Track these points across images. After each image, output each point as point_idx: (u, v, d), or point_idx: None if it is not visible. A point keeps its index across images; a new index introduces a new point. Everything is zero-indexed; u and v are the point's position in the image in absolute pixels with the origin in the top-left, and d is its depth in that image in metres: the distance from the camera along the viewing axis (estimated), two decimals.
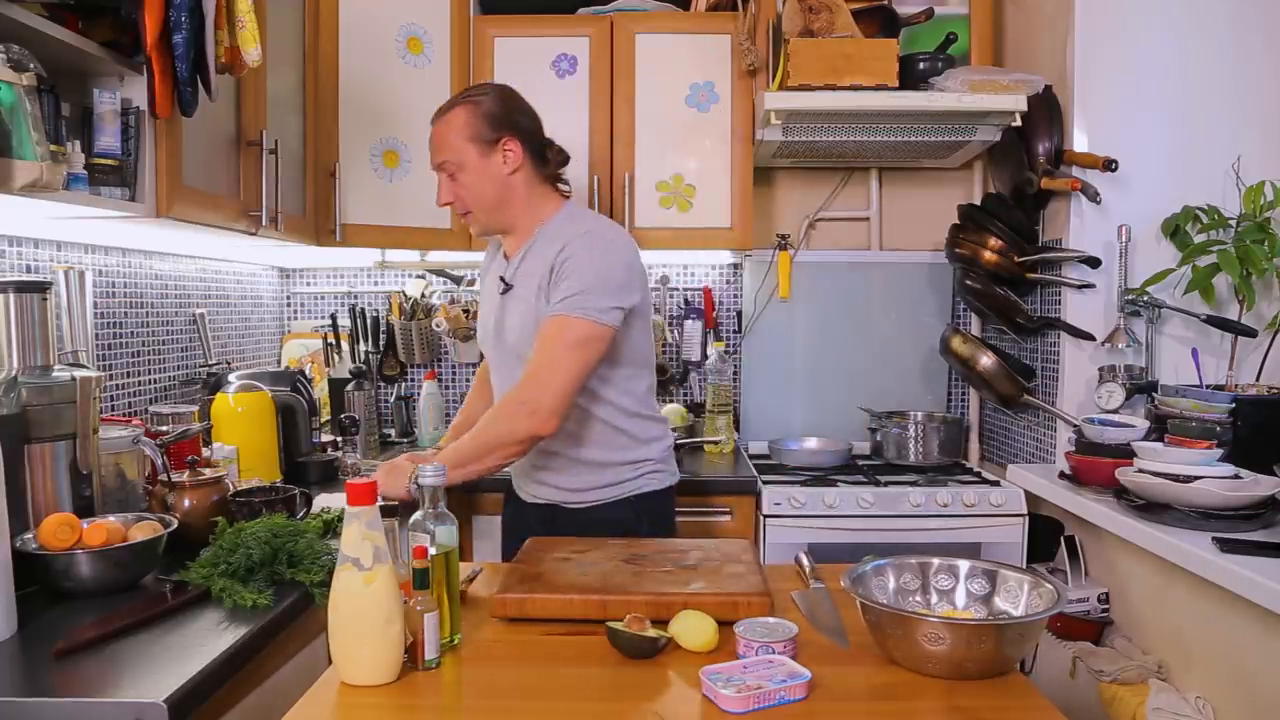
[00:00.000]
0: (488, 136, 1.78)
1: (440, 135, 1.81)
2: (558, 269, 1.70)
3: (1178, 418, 2.02)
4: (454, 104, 1.81)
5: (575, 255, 1.69)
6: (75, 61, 1.53)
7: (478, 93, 1.83)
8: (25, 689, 1.08)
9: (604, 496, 1.83)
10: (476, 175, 1.78)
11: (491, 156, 1.78)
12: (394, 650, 1.12)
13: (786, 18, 2.44)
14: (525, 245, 1.82)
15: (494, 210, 1.82)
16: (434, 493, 1.27)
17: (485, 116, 1.79)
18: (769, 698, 1.05)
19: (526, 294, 1.77)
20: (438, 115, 1.83)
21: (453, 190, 1.81)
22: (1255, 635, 1.55)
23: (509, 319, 1.81)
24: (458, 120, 1.79)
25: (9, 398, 1.41)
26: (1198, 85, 2.28)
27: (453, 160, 1.78)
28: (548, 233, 1.80)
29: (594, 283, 1.67)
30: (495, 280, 1.88)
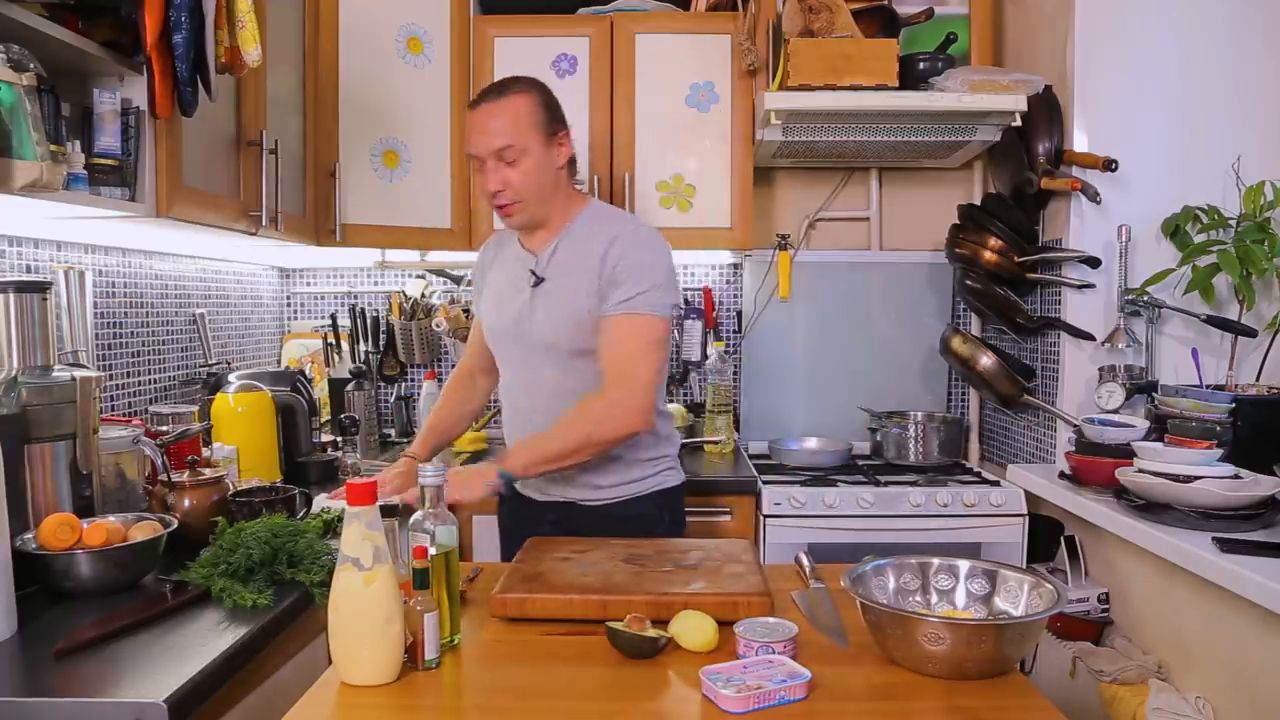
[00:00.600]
0: (550, 127, 1.74)
1: (503, 120, 1.71)
2: (615, 268, 1.69)
3: (1178, 418, 2.02)
4: (509, 90, 1.73)
5: (634, 254, 1.70)
6: (75, 61, 1.53)
7: (530, 83, 1.77)
8: (25, 689, 1.08)
9: (628, 493, 1.82)
10: (537, 165, 1.72)
11: (550, 148, 1.74)
12: (394, 650, 1.12)
13: (786, 18, 2.44)
14: (554, 240, 1.79)
15: (541, 203, 1.76)
16: (434, 493, 1.27)
17: (547, 106, 1.75)
18: (769, 698, 1.05)
19: (565, 288, 1.74)
20: (492, 97, 1.73)
21: (505, 178, 1.71)
22: (1255, 635, 1.55)
23: (539, 313, 1.76)
24: (524, 106, 1.72)
25: (9, 398, 1.41)
26: (1198, 85, 2.28)
27: (518, 147, 1.70)
28: (578, 228, 1.79)
29: (659, 280, 1.71)
30: (515, 274, 1.83)
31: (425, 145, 2.62)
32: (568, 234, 1.79)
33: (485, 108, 1.73)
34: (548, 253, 1.79)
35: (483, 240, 2.68)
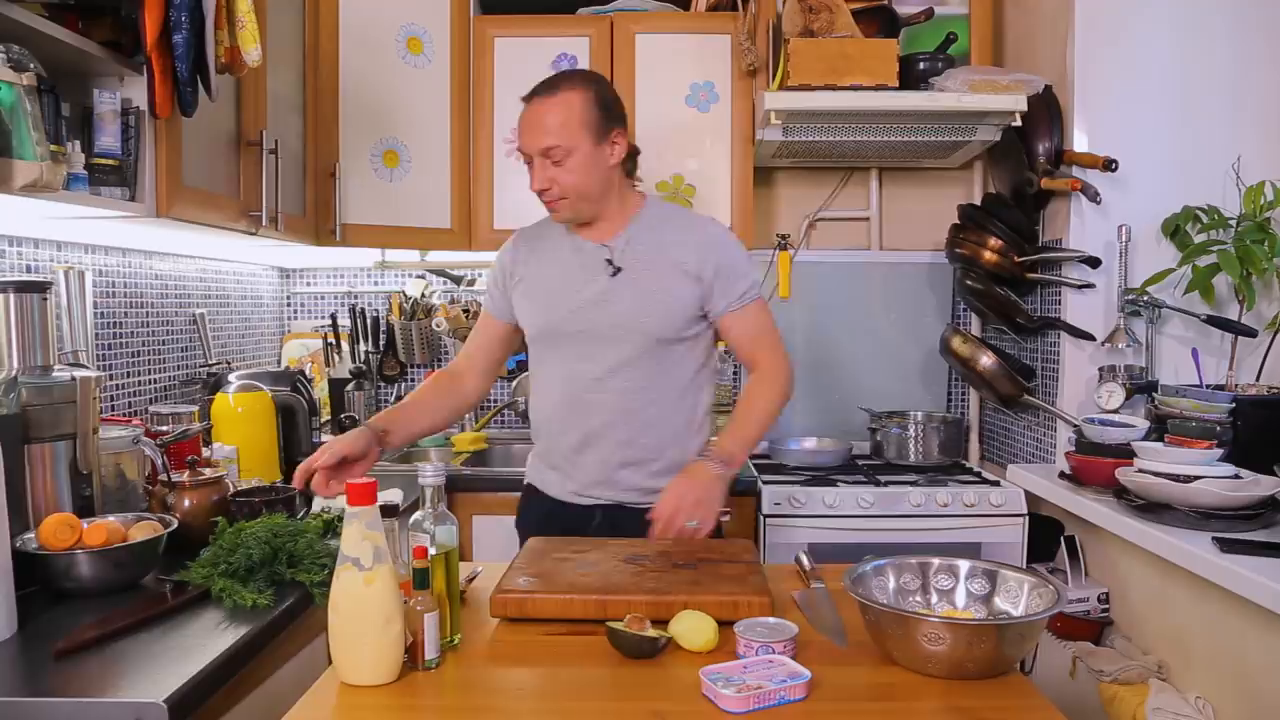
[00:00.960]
0: (602, 126, 1.71)
1: (551, 119, 1.68)
2: (720, 269, 1.74)
3: (1178, 418, 2.02)
4: (561, 87, 1.71)
5: (730, 254, 1.78)
6: (75, 61, 1.53)
7: (586, 79, 1.75)
8: (25, 689, 1.08)
9: None
10: (585, 164, 1.69)
11: (601, 147, 1.71)
12: (394, 650, 1.12)
13: (786, 18, 2.44)
14: (622, 232, 1.77)
15: (589, 201, 1.73)
16: (434, 493, 1.26)
17: (599, 105, 1.71)
18: (769, 698, 1.05)
19: (653, 277, 1.73)
20: (543, 94, 1.71)
21: (551, 176, 1.69)
22: (1255, 635, 1.55)
23: (625, 300, 1.73)
24: (574, 105, 1.68)
25: (9, 398, 1.41)
26: (1198, 85, 2.28)
27: (564, 147, 1.67)
28: (648, 221, 1.78)
29: (753, 271, 1.82)
30: (579, 265, 1.77)
31: (425, 145, 2.62)
32: (637, 226, 1.77)
33: (535, 104, 1.71)
34: (620, 243, 1.76)
35: (483, 240, 2.71)
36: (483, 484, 2.45)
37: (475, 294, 3.02)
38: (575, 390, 1.78)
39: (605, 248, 1.77)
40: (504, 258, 1.89)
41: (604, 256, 1.76)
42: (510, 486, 2.43)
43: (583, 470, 1.79)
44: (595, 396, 1.76)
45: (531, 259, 1.85)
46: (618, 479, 1.77)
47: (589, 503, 1.80)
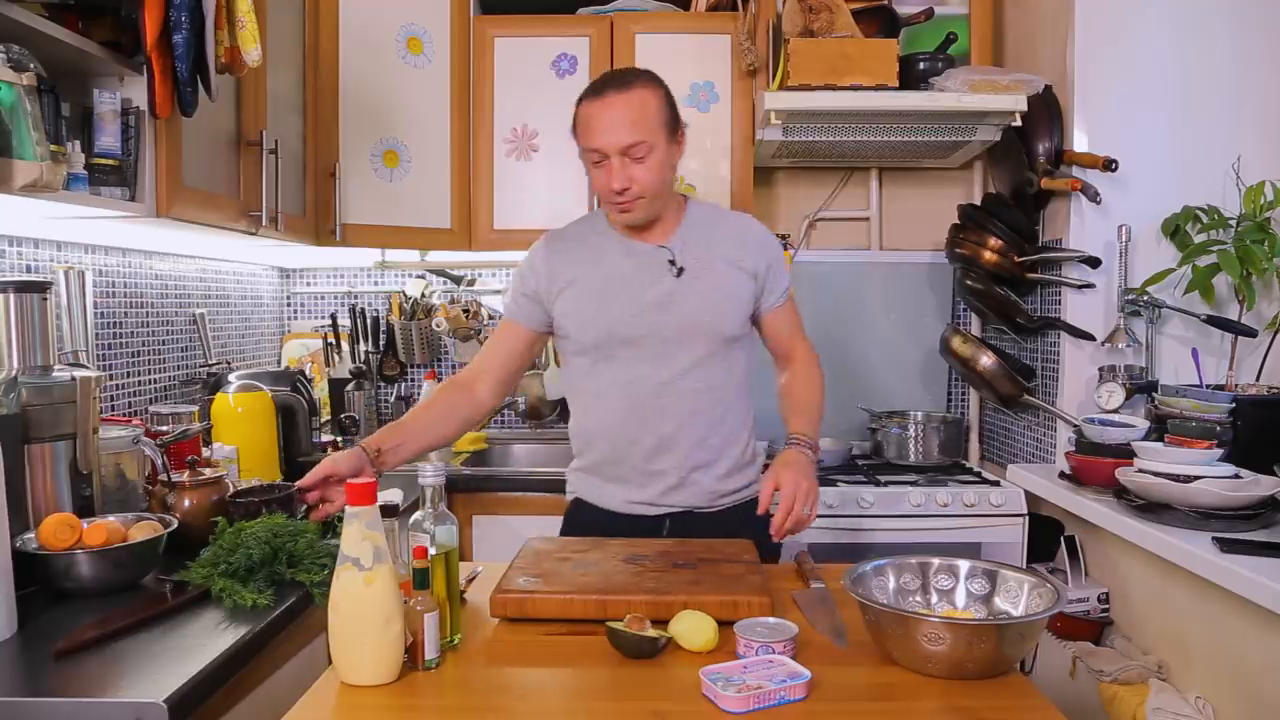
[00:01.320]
0: (672, 125, 1.68)
1: (633, 113, 1.62)
2: (770, 267, 1.77)
3: (1178, 418, 2.02)
4: (634, 83, 1.65)
5: (776, 252, 1.80)
6: (75, 61, 1.53)
7: (653, 76, 1.70)
8: (25, 689, 1.08)
9: (745, 496, 1.79)
10: (661, 162, 1.65)
11: (672, 146, 1.68)
12: (394, 650, 1.12)
13: (786, 18, 2.44)
14: (676, 231, 1.74)
15: (659, 200, 1.69)
16: (434, 493, 1.26)
17: (669, 103, 1.68)
18: (769, 698, 1.05)
19: (716, 277, 1.72)
20: (618, 89, 1.64)
21: (631, 175, 1.63)
22: (1255, 635, 1.55)
23: (692, 300, 1.70)
24: (653, 102, 1.64)
25: (9, 398, 1.41)
26: (1198, 85, 2.28)
27: (648, 143, 1.62)
28: (697, 220, 1.76)
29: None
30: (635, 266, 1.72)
31: (425, 145, 2.62)
32: (689, 226, 1.76)
33: (610, 100, 1.63)
34: (677, 243, 1.73)
35: (483, 240, 2.71)
36: (483, 484, 2.45)
37: (475, 294, 3.02)
38: (641, 397, 1.72)
39: (664, 249, 1.72)
40: (537, 263, 1.77)
41: (665, 258, 1.72)
42: (511, 487, 2.44)
43: (655, 479, 1.73)
44: (664, 401, 1.71)
45: (577, 264, 1.75)
46: (690, 483, 1.73)
47: (659, 512, 1.74)
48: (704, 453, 1.74)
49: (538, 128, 2.69)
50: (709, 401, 1.73)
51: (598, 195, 1.73)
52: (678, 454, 1.72)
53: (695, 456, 1.73)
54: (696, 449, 1.73)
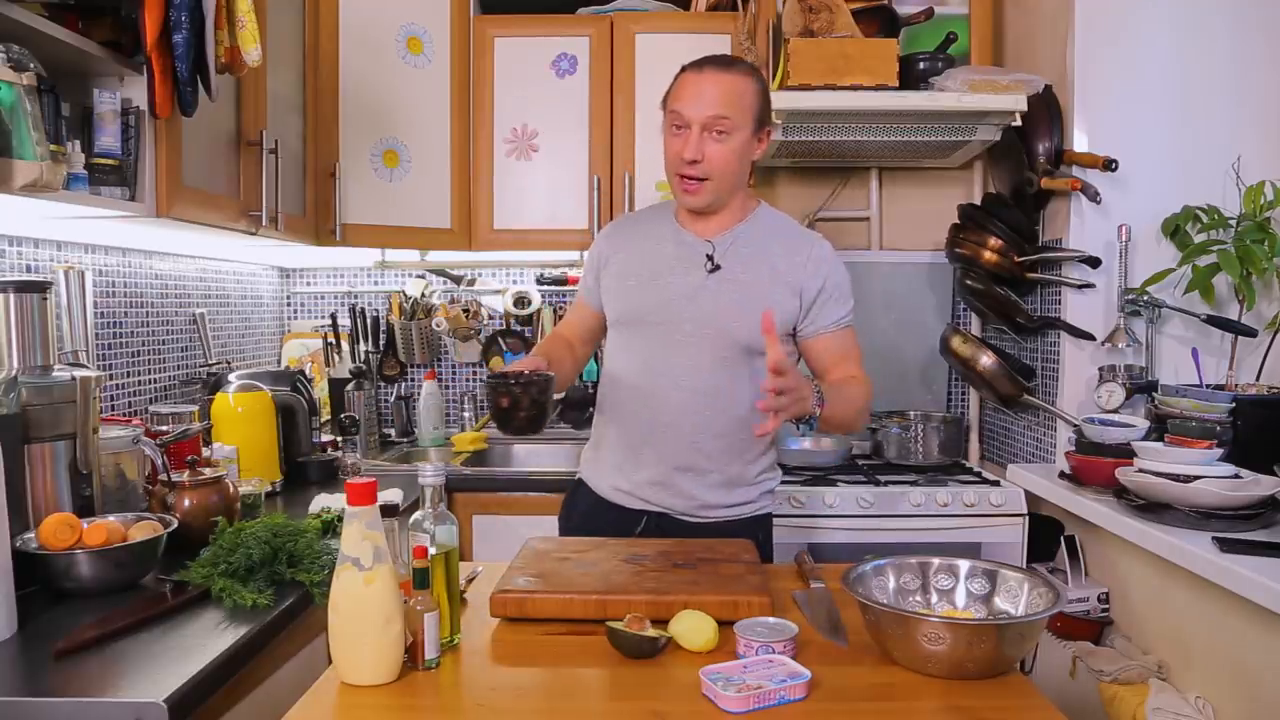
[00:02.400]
0: (762, 117, 1.67)
1: (726, 91, 1.61)
2: (826, 288, 1.70)
3: (1178, 418, 2.02)
4: (735, 67, 1.65)
5: (838, 275, 1.73)
6: (75, 61, 1.53)
7: (755, 69, 1.70)
8: (25, 689, 1.08)
9: (739, 514, 1.74)
10: (741, 148, 1.64)
11: (755, 138, 1.67)
12: (394, 650, 1.12)
13: (786, 18, 2.44)
14: (730, 230, 1.71)
15: (728, 189, 1.68)
16: (434, 493, 1.26)
17: (764, 98, 1.68)
18: (769, 698, 1.05)
19: (754, 282, 1.68)
20: (720, 66, 1.64)
21: (706, 150, 1.62)
22: (1255, 635, 1.55)
23: (720, 299, 1.68)
24: (751, 87, 1.64)
25: (9, 398, 1.41)
26: (1198, 85, 2.28)
27: (733, 120, 1.61)
28: (758, 225, 1.74)
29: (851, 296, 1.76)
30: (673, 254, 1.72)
31: (425, 145, 2.62)
32: (747, 227, 1.73)
33: (710, 73, 1.63)
34: (726, 241, 1.71)
35: (483, 240, 2.71)
36: (483, 484, 2.45)
37: (475, 294, 3.02)
38: (648, 381, 1.71)
39: (709, 243, 1.71)
40: (599, 242, 1.83)
41: (705, 251, 1.70)
42: (510, 487, 2.44)
43: (640, 468, 1.73)
44: (668, 392, 1.70)
45: (627, 244, 1.79)
46: (673, 482, 1.71)
47: (638, 506, 1.74)
48: (694, 457, 1.70)
49: (538, 128, 2.69)
50: (713, 407, 1.68)
51: (667, 168, 1.69)
52: (664, 450, 1.70)
53: (683, 457, 1.70)
54: (686, 451, 1.70)
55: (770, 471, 1.80)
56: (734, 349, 1.68)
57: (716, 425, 1.69)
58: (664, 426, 1.70)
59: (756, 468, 1.76)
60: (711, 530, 1.70)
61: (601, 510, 1.77)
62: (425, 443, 2.88)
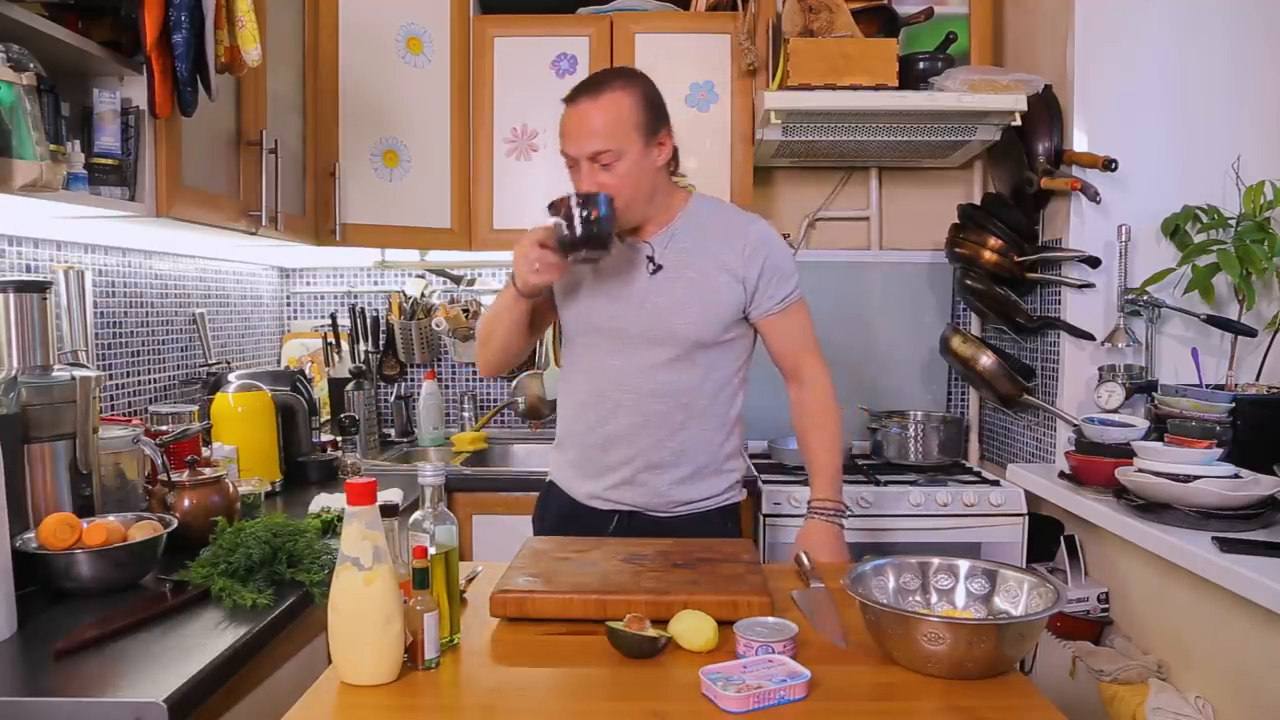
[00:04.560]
0: (650, 127, 1.64)
1: (599, 121, 1.60)
2: (767, 269, 1.71)
3: (1178, 417, 2.02)
4: (606, 86, 1.63)
5: (778, 254, 1.75)
6: (75, 61, 1.53)
7: (632, 77, 1.67)
8: (25, 689, 1.08)
9: (708, 506, 1.76)
10: (636, 168, 1.63)
11: (650, 149, 1.65)
12: (394, 650, 1.12)
13: (786, 17, 2.44)
14: (666, 229, 1.72)
15: (640, 205, 1.67)
16: (434, 492, 1.26)
17: (648, 104, 1.64)
18: (769, 697, 1.05)
19: (697, 278, 1.69)
20: (587, 94, 1.63)
21: (600, 182, 1.61)
22: (1255, 635, 1.55)
23: (663, 299, 1.69)
24: (624, 105, 1.61)
25: (9, 398, 1.41)
26: (1198, 85, 2.28)
27: (614, 150, 1.60)
28: (693, 219, 1.74)
29: (795, 270, 1.79)
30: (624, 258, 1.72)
31: (425, 145, 2.62)
32: (682, 223, 1.73)
33: (582, 105, 1.63)
34: (663, 240, 1.72)
35: (483, 240, 2.71)
36: (482, 484, 2.45)
37: (475, 294, 3.02)
38: (604, 388, 1.73)
39: (647, 245, 1.72)
40: None
41: (645, 254, 1.71)
42: (510, 486, 2.43)
43: (607, 473, 1.75)
44: (624, 397, 1.71)
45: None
46: (640, 481, 1.73)
47: (608, 507, 1.76)
48: (659, 455, 1.72)
49: (538, 128, 2.69)
50: (671, 405, 1.70)
51: None
52: (630, 452, 1.72)
53: (649, 457, 1.71)
54: (651, 450, 1.71)
55: (736, 459, 1.81)
56: (685, 345, 1.69)
57: (676, 420, 1.71)
58: (625, 429, 1.72)
59: (722, 455, 1.77)
60: (683, 523, 1.73)
61: (573, 512, 1.79)
62: (425, 443, 2.88)
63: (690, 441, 1.72)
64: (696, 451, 1.73)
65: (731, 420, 1.78)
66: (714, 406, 1.74)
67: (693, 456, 1.73)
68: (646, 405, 1.70)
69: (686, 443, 1.72)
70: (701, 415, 1.72)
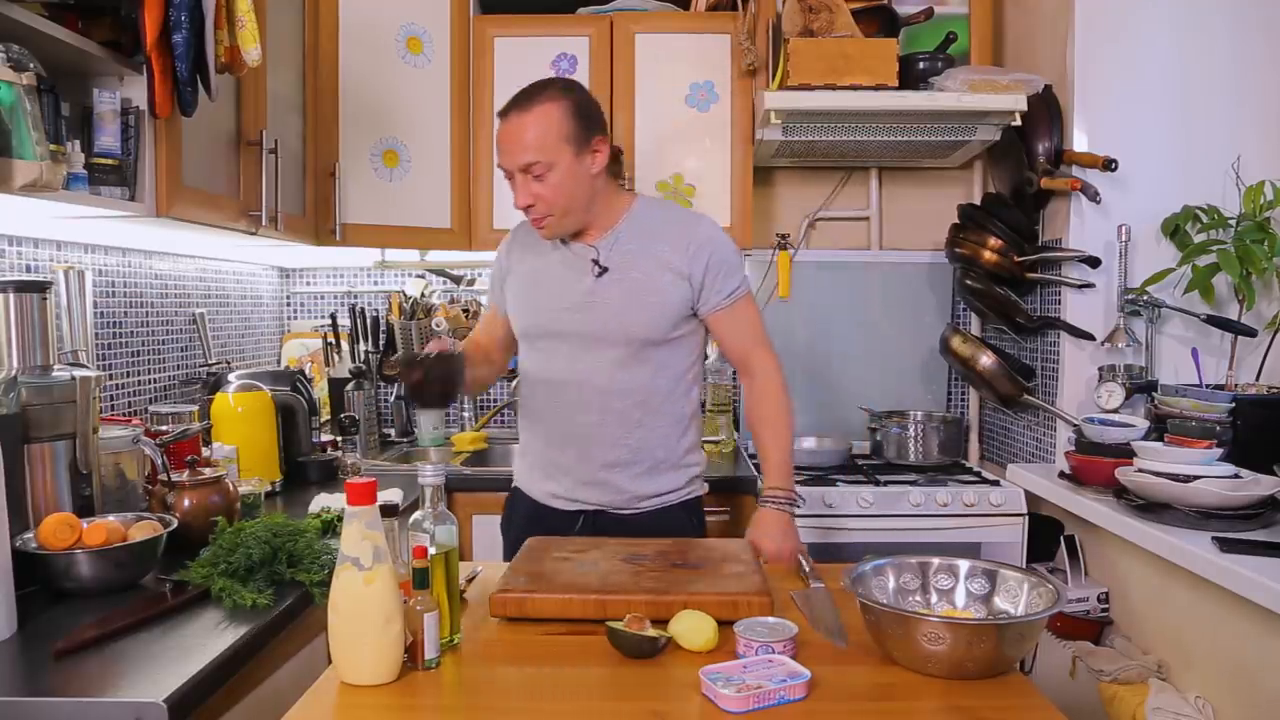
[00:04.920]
0: (582, 136, 1.67)
1: (529, 134, 1.64)
2: (711, 265, 1.73)
3: (1178, 417, 2.02)
4: (536, 99, 1.66)
5: (722, 250, 1.75)
6: (75, 61, 1.53)
7: (562, 87, 1.69)
8: (25, 689, 1.08)
9: (669, 500, 1.79)
10: (568, 178, 1.66)
11: (583, 157, 1.67)
12: (394, 650, 1.12)
13: (786, 17, 2.44)
14: (610, 232, 1.75)
15: (577, 213, 1.71)
16: (434, 493, 1.26)
17: (578, 114, 1.67)
18: (769, 697, 1.05)
19: (641, 279, 1.72)
20: (518, 108, 1.66)
21: (533, 192, 1.66)
22: (1255, 635, 1.55)
23: (611, 301, 1.72)
24: (552, 117, 1.64)
25: (9, 398, 1.41)
26: (1198, 85, 2.28)
27: (544, 162, 1.64)
28: (638, 221, 1.76)
29: (742, 265, 1.80)
30: (563, 263, 1.76)
31: (425, 145, 2.62)
32: (627, 225, 1.76)
33: (513, 118, 1.66)
34: (607, 243, 1.74)
35: (483, 240, 2.71)
36: (482, 484, 2.45)
37: (475, 294, 3.02)
38: (559, 391, 1.77)
39: (592, 248, 1.75)
40: (500, 253, 1.90)
41: (590, 257, 1.75)
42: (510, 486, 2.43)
43: (567, 473, 1.78)
44: (579, 398, 1.75)
45: (523, 256, 1.84)
46: (601, 481, 1.76)
47: (573, 508, 1.79)
48: (617, 453, 1.75)
49: None
50: (627, 403, 1.74)
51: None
52: (588, 451, 1.76)
53: (607, 455, 1.75)
54: (609, 448, 1.75)
55: (695, 454, 1.84)
56: (635, 344, 1.73)
57: (633, 418, 1.74)
58: (583, 430, 1.75)
59: (680, 448, 1.80)
60: (646, 519, 1.76)
61: (538, 514, 1.82)
62: (425, 443, 2.88)
63: (647, 439, 1.76)
64: (654, 447, 1.76)
65: (688, 416, 1.81)
66: (669, 403, 1.77)
67: (650, 452, 1.76)
68: (602, 404, 1.74)
69: (644, 440, 1.75)
70: (657, 412, 1.76)
